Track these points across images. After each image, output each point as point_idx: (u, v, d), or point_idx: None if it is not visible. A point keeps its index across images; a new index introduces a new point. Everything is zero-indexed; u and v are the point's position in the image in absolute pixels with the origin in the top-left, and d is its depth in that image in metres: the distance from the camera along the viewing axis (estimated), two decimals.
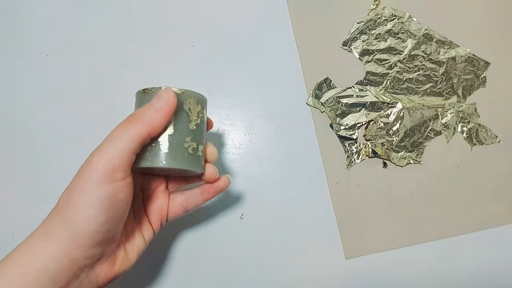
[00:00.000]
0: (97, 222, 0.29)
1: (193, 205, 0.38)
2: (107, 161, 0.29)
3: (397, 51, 0.49)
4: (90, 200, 0.29)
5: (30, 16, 0.50)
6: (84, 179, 0.30)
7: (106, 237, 0.30)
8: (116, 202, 0.30)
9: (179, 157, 0.33)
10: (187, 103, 0.34)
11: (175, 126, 0.33)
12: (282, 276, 0.44)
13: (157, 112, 0.31)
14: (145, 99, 0.33)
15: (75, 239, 0.29)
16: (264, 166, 0.47)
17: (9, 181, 0.47)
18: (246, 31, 0.50)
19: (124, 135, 0.30)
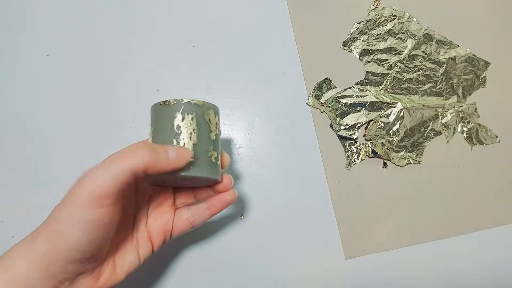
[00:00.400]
0: (78, 242, 0.29)
1: (200, 220, 0.38)
2: (97, 187, 0.29)
3: (397, 51, 0.49)
4: (75, 222, 0.29)
5: (30, 16, 0.50)
6: (72, 200, 0.29)
7: (87, 255, 0.30)
8: (101, 225, 0.29)
9: (205, 166, 0.34)
10: (208, 114, 0.35)
11: (199, 136, 0.34)
12: (282, 276, 0.44)
13: (166, 161, 0.31)
14: (165, 112, 0.34)
15: (55, 255, 0.29)
16: (264, 166, 0.47)
17: (9, 181, 0.47)
18: (246, 31, 0.50)
19: (122, 164, 0.29)
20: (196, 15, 0.50)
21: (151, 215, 0.37)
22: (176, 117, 0.33)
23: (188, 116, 0.34)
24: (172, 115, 0.34)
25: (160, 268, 0.44)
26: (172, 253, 0.45)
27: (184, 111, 0.34)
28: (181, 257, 0.45)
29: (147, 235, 0.36)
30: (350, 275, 0.44)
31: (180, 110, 0.34)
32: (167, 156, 0.31)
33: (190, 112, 0.34)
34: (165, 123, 0.34)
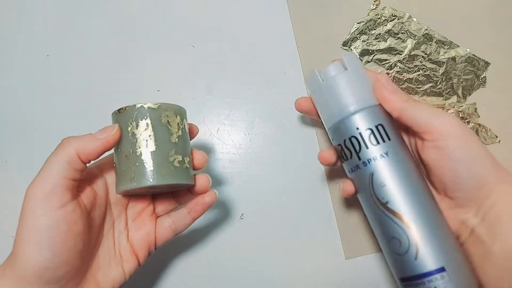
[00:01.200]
0: (42, 258, 0.27)
1: (182, 226, 0.37)
2: (40, 189, 0.28)
3: (397, 51, 0.49)
4: (30, 235, 0.28)
5: (30, 16, 0.50)
6: (23, 215, 0.28)
7: (59, 273, 0.28)
8: (60, 234, 0.28)
9: (166, 172, 0.32)
10: (165, 117, 0.33)
11: (157, 141, 0.32)
12: (282, 276, 0.44)
13: (94, 140, 0.31)
14: (121, 121, 0.33)
15: (27, 278, 0.28)
16: (264, 166, 0.47)
17: (9, 181, 0.47)
18: (246, 31, 0.50)
19: (55, 159, 0.29)
20: (196, 15, 0.50)
21: (131, 228, 0.36)
22: (131, 125, 0.32)
23: (142, 122, 0.32)
24: (126, 123, 0.32)
25: (160, 268, 0.44)
26: (172, 253, 0.45)
27: (137, 117, 0.32)
28: (181, 257, 0.45)
29: (131, 248, 0.35)
30: (350, 275, 0.44)
31: (133, 116, 0.32)
32: (94, 136, 0.31)
33: (144, 117, 0.32)
34: (122, 132, 0.32)
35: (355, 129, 0.34)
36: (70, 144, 0.30)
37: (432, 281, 0.30)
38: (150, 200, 0.38)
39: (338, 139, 0.36)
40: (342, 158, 0.36)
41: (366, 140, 0.34)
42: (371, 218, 0.35)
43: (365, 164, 0.33)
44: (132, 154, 0.32)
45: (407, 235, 0.31)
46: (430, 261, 0.31)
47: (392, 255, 0.33)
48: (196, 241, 0.45)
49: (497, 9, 0.51)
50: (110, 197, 0.35)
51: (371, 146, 0.33)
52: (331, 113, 0.36)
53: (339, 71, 0.36)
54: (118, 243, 0.35)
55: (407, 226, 0.31)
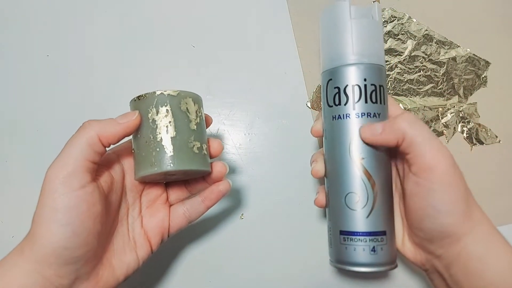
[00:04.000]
0: (61, 237, 0.28)
1: (196, 214, 0.37)
2: (60, 170, 0.29)
3: (398, 52, 0.49)
4: (49, 214, 0.28)
5: (30, 16, 0.50)
6: (43, 194, 0.29)
7: (77, 253, 0.29)
8: (79, 214, 0.29)
9: (186, 158, 0.33)
10: (184, 104, 0.33)
11: (176, 128, 0.33)
12: (281, 276, 0.44)
13: (115, 124, 0.31)
14: (141, 108, 0.33)
15: (45, 257, 0.28)
16: (264, 166, 0.47)
17: (9, 181, 0.47)
18: (246, 31, 0.50)
19: (76, 141, 0.30)
20: (196, 15, 0.50)
21: (145, 215, 0.37)
22: (151, 111, 0.32)
23: (163, 109, 0.32)
24: (146, 110, 0.33)
25: (160, 268, 0.44)
26: (172, 253, 0.45)
27: (157, 104, 0.32)
28: (181, 257, 0.45)
29: (144, 235, 0.36)
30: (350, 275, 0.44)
31: (154, 103, 0.32)
32: (115, 120, 0.31)
33: (164, 104, 0.33)
34: (142, 118, 0.33)
35: (363, 79, 0.34)
36: (91, 126, 0.30)
37: (373, 241, 0.33)
38: (164, 188, 0.38)
39: (338, 82, 0.35)
40: (332, 102, 0.35)
41: (368, 94, 0.34)
42: (334, 168, 0.35)
43: (357, 116, 0.34)
44: (152, 140, 0.32)
45: (368, 194, 0.33)
46: (379, 223, 0.33)
47: (342, 208, 0.34)
48: (196, 241, 0.45)
49: (497, 9, 0.51)
50: (126, 183, 0.36)
51: (370, 102, 0.34)
52: (343, 52, 0.34)
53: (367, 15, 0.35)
54: (132, 229, 0.36)
55: (372, 185, 0.33)
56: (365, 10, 0.35)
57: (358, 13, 0.35)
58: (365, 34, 0.34)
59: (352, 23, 0.34)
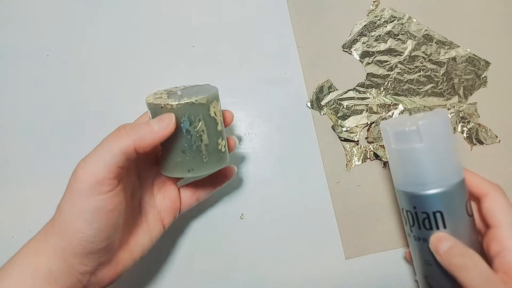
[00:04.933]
0: (87, 233, 0.29)
1: (204, 192, 0.39)
2: (91, 174, 0.29)
3: (398, 52, 0.49)
4: (78, 212, 0.29)
5: (30, 16, 0.50)
6: (72, 191, 0.30)
7: (101, 246, 0.30)
8: (106, 213, 0.30)
9: (216, 160, 0.34)
10: (212, 108, 0.33)
11: (209, 135, 0.33)
12: (282, 276, 0.44)
13: (152, 134, 0.31)
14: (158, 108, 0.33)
15: (70, 248, 0.29)
16: (264, 166, 0.47)
17: (9, 181, 0.47)
18: (246, 31, 0.50)
19: (111, 147, 0.30)
20: (196, 15, 0.50)
21: (157, 197, 0.38)
22: (183, 122, 0.32)
23: (196, 119, 0.32)
24: (179, 120, 0.32)
25: (160, 268, 0.44)
26: (172, 253, 0.45)
27: (190, 115, 0.32)
28: (181, 257, 0.45)
29: (157, 215, 0.37)
30: (350, 275, 0.44)
31: (186, 114, 0.32)
32: (152, 128, 0.31)
33: (196, 114, 0.32)
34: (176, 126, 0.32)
35: (429, 208, 0.34)
36: (128, 136, 0.30)
37: None
38: None
39: (409, 206, 0.35)
40: (408, 221, 0.36)
41: (432, 222, 0.34)
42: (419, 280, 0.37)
43: (415, 239, 0.36)
44: (188, 149, 0.33)
45: None
46: None
47: None
48: (196, 240, 0.45)
49: (497, 8, 0.51)
50: (139, 169, 0.37)
51: (423, 229, 0.34)
52: (410, 181, 0.35)
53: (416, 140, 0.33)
54: (145, 213, 0.37)
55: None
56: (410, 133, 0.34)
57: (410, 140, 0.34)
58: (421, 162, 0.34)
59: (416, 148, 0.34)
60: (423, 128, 0.33)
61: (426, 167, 0.33)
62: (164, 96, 0.34)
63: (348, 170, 0.46)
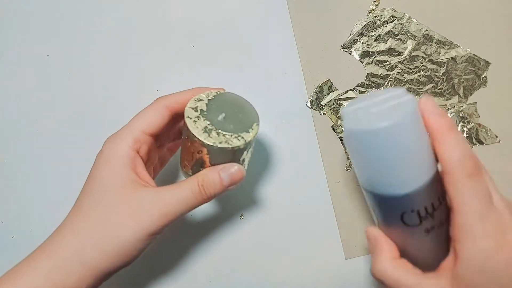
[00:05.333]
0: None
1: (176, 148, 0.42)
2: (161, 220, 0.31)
3: (398, 52, 0.49)
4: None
5: (30, 16, 0.50)
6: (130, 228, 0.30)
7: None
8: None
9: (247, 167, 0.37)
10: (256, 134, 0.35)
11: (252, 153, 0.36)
12: (282, 276, 0.44)
13: (224, 190, 0.33)
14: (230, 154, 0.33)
15: (97, 261, 0.30)
16: (264, 166, 0.47)
17: (9, 181, 0.47)
18: (246, 31, 0.50)
19: (189, 205, 0.32)
20: (196, 15, 0.50)
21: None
22: (242, 155, 0.34)
23: (250, 149, 0.35)
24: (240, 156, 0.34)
25: (160, 268, 0.44)
26: (172, 253, 0.45)
27: (247, 148, 0.34)
28: (181, 257, 0.45)
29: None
30: (350, 275, 0.44)
31: (246, 149, 0.34)
32: (222, 183, 0.32)
33: (252, 146, 0.35)
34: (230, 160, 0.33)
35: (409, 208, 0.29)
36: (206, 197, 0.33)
37: None
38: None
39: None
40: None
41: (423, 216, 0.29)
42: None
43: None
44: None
45: None
46: None
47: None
48: (196, 241, 0.45)
49: (498, 8, 0.51)
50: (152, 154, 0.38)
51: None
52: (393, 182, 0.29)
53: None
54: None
55: None
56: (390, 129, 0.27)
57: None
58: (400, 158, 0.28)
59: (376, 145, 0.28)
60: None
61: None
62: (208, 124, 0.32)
63: (349, 170, 0.46)
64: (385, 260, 0.30)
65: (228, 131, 0.32)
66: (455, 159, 0.26)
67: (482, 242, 0.26)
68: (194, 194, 0.31)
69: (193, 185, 0.31)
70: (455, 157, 0.26)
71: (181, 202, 0.31)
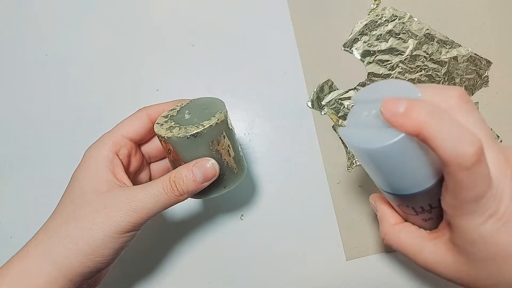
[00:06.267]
0: (106, 261, 0.31)
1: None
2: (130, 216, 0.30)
3: (399, 51, 0.49)
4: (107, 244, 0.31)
5: (29, 15, 0.50)
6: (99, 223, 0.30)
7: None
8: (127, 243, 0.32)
9: (242, 166, 0.36)
10: (229, 121, 0.34)
11: (233, 146, 0.34)
12: (282, 277, 0.44)
13: (198, 186, 0.32)
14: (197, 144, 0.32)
15: (78, 269, 0.30)
16: (264, 166, 0.46)
17: (8, 181, 0.47)
18: (246, 30, 0.50)
19: (160, 202, 0.31)
20: (196, 15, 0.50)
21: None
22: (212, 144, 0.32)
23: (221, 137, 0.33)
24: (207, 144, 0.32)
25: (160, 268, 0.44)
26: (172, 253, 0.44)
27: (216, 135, 0.32)
28: (181, 258, 0.44)
29: None
30: (351, 276, 0.44)
31: (213, 136, 0.32)
32: (198, 182, 0.32)
33: (221, 132, 0.33)
34: (201, 153, 0.32)
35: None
36: (180, 195, 0.32)
37: None
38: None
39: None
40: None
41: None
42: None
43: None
44: (220, 167, 0.33)
45: None
46: None
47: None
48: (196, 241, 0.45)
49: (499, 8, 0.51)
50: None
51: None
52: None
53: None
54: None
55: None
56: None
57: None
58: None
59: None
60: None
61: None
62: (174, 124, 0.33)
63: (349, 170, 0.46)
64: (388, 226, 0.33)
65: (191, 124, 0.32)
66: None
67: (474, 217, 0.25)
68: (165, 190, 0.31)
69: (165, 181, 0.31)
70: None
71: (151, 198, 0.30)
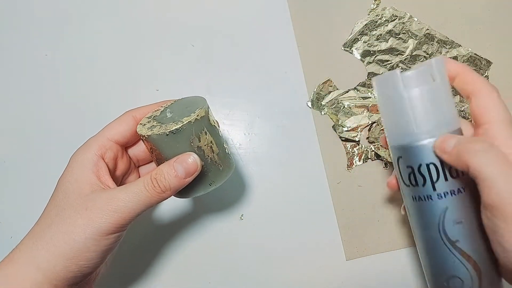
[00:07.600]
0: (93, 265, 0.31)
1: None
2: (112, 216, 0.30)
3: (399, 51, 0.49)
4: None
5: (29, 15, 0.50)
6: (80, 226, 0.30)
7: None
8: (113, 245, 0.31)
9: (228, 163, 0.35)
10: (211, 117, 0.34)
11: (216, 142, 0.34)
12: (282, 277, 0.44)
13: (180, 182, 0.31)
14: (178, 140, 0.32)
15: (63, 274, 0.30)
16: (264, 166, 0.46)
17: (8, 181, 0.47)
18: (246, 30, 0.50)
19: (141, 201, 0.30)
20: (196, 15, 0.50)
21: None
22: (193, 140, 0.32)
23: (202, 134, 0.32)
24: (187, 140, 0.32)
25: (160, 269, 0.44)
26: (172, 253, 0.44)
27: (197, 131, 0.32)
28: (181, 258, 0.44)
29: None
30: (351, 276, 0.44)
31: (193, 132, 0.32)
32: (180, 178, 0.31)
33: (201, 129, 0.32)
34: (182, 150, 0.32)
35: (435, 156, 0.29)
36: (163, 192, 0.31)
37: None
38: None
39: (410, 161, 0.30)
40: (408, 181, 0.31)
41: (447, 170, 0.29)
42: (429, 252, 0.31)
43: (440, 197, 0.29)
44: (204, 164, 0.33)
45: (472, 278, 0.29)
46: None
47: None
48: (196, 241, 0.45)
49: (499, 8, 0.50)
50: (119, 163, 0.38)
51: (450, 178, 0.29)
52: (408, 130, 0.30)
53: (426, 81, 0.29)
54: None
55: (475, 269, 0.29)
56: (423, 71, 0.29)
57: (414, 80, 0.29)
58: (428, 105, 0.29)
59: (410, 96, 0.29)
60: (435, 66, 0.29)
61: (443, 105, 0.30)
62: (155, 123, 0.33)
63: (349, 170, 0.46)
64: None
65: (171, 121, 0.32)
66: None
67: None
68: (146, 188, 0.30)
69: (146, 179, 0.31)
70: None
71: (133, 197, 0.30)
